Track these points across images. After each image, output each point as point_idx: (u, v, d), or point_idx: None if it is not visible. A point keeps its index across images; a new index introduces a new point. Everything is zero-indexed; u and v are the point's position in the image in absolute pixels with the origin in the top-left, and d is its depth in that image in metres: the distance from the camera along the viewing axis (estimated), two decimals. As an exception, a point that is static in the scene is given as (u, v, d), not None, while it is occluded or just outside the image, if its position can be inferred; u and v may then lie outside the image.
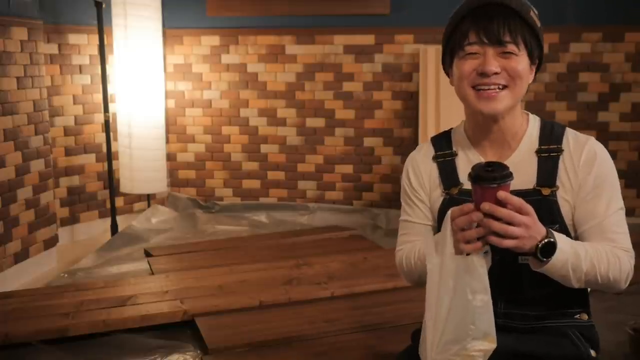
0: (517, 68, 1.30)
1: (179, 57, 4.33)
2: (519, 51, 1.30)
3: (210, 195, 4.47)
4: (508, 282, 1.33)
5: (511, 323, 1.35)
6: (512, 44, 1.29)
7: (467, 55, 1.32)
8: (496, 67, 1.29)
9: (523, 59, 1.31)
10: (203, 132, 4.42)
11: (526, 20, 1.30)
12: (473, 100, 1.33)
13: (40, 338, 2.32)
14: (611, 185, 1.33)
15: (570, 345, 1.31)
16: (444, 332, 1.20)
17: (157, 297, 2.64)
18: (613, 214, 1.31)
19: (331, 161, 4.36)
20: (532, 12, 1.32)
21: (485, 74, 1.30)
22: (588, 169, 1.32)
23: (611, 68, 4.05)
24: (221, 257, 3.29)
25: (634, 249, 1.31)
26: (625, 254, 1.29)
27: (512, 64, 1.30)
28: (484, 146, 1.40)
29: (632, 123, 4.08)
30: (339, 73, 4.25)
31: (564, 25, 4.05)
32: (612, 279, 1.26)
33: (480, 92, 1.31)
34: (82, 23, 3.84)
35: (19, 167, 3.20)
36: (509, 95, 1.31)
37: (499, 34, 1.28)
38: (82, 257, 3.43)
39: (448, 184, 1.40)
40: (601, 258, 1.25)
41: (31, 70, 3.27)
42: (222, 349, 2.24)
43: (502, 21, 1.29)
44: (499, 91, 1.31)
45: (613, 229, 1.30)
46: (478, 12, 1.31)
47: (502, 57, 1.30)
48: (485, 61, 1.30)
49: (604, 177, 1.32)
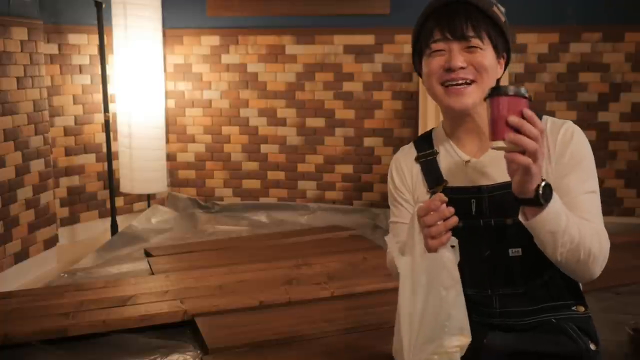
0: (482, 62, 1.32)
1: (179, 57, 4.33)
2: (484, 45, 1.32)
3: (210, 195, 4.48)
4: (501, 277, 1.34)
5: (508, 321, 1.34)
6: (476, 38, 1.31)
7: (433, 52, 1.35)
8: (462, 62, 1.31)
9: (488, 53, 1.33)
10: (203, 132, 4.42)
11: (489, 15, 1.33)
12: (442, 96, 1.35)
13: (40, 338, 2.31)
14: (587, 166, 1.32)
15: (568, 341, 1.30)
16: (420, 332, 1.19)
17: (157, 297, 2.64)
18: (588, 194, 1.30)
19: (331, 161, 4.36)
20: (496, 7, 1.35)
21: (452, 69, 1.31)
22: (564, 146, 1.32)
23: (611, 68, 4.05)
24: (221, 257, 3.29)
25: (634, 248, 1.31)
26: (603, 233, 1.27)
27: (477, 58, 1.32)
28: (462, 140, 1.41)
29: (632, 123, 4.07)
30: (339, 73, 4.25)
31: (564, 25, 4.05)
32: (592, 256, 1.23)
33: (449, 88, 1.33)
34: (82, 23, 3.84)
35: (19, 167, 3.20)
36: (476, 90, 1.33)
37: (462, 29, 1.31)
38: (82, 257, 3.43)
39: (432, 183, 1.41)
40: (584, 229, 1.22)
41: (31, 70, 3.27)
42: (222, 349, 2.24)
43: (464, 17, 1.32)
44: (467, 86, 1.32)
45: (587, 208, 1.28)
46: (441, 10, 1.34)
47: (467, 52, 1.32)
48: (451, 56, 1.32)
49: (580, 157, 1.31)
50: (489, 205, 1.33)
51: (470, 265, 1.31)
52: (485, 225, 1.34)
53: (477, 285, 1.35)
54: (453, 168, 1.42)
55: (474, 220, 1.34)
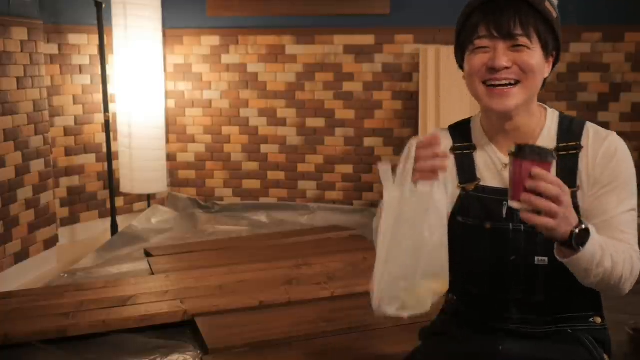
0: (529, 62, 1.24)
1: (179, 57, 4.33)
2: (532, 44, 1.24)
3: (210, 195, 4.47)
4: (522, 283, 1.29)
5: (524, 328, 1.30)
6: (524, 37, 1.23)
7: (476, 49, 1.27)
8: (506, 62, 1.24)
9: (536, 52, 1.25)
10: (203, 132, 4.42)
11: (540, 11, 1.25)
12: (484, 97, 1.28)
13: (40, 338, 2.31)
14: (626, 183, 1.26)
15: (584, 352, 1.27)
16: (395, 266, 1.13)
17: (157, 297, 2.64)
18: (624, 213, 1.24)
19: (331, 161, 4.36)
20: (548, 2, 1.27)
21: (495, 69, 1.24)
22: (606, 163, 1.26)
23: (611, 68, 4.05)
24: (221, 257, 3.29)
25: None
26: (635, 254, 1.22)
27: (523, 57, 1.24)
28: (500, 143, 1.34)
29: (632, 123, 4.08)
30: (339, 73, 4.25)
31: (564, 25, 4.01)
32: (624, 279, 1.19)
33: (491, 88, 1.26)
34: (82, 23, 3.84)
35: (19, 167, 3.20)
36: (521, 91, 1.26)
37: (510, 26, 1.23)
38: (82, 257, 3.43)
39: (464, 179, 1.34)
40: (618, 255, 1.18)
41: (31, 70, 3.27)
42: (222, 349, 2.24)
43: (512, 13, 1.23)
44: (511, 87, 1.25)
45: (622, 227, 1.23)
46: (488, 4, 1.26)
47: (513, 51, 1.24)
48: (495, 55, 1.24)
49: (620, 174, 1.25)
50: None
51: (493, 267, 1.29)
52: (515, 230, 1.28)
53: (496, 288, 1.31)
54: (489, 168, 1.34)
55: (503, 224, 1.29)
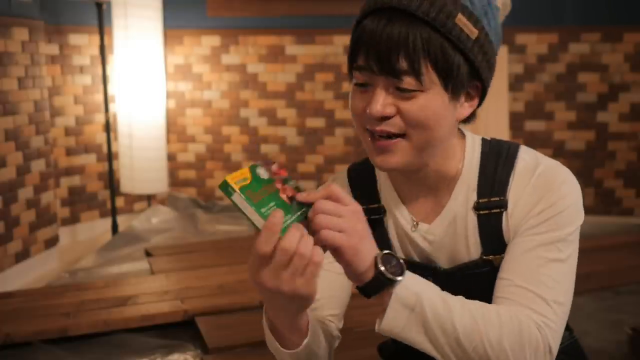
0: (415, 113, 0.88)
1: (180, 57, 4.34)
2: (424, 84, 0.87)
3: (211, 195, 4.48)
4: None
5: None
6: (410, 76, 0.87)
7: (356, 86, 0.94)
8: (384, 109, 0.89)
9: (432, 96, 0.88)
10: (203, 132, 4.42)
11: (444, 33, 0.86)
12: (370, 152, 0.96)
13: (41, 338, 2.32)
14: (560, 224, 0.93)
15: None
16: None
17: (157, 297, 2.65)
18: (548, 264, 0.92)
19: (331, 161, 4.36)
20: (462, 15, 0.87)
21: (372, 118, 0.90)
22: (533, 201, 0.94)
23: (610, 68, 4.05)
24: (221, 257, 3.30)
25: (634, 248, 1.25)
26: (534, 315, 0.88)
27: (409, 107, 0.88)
28: (412, 202, 1.02)
29: (631, 123, 4.08)
30: (339, 73, 4.26)
31: (563, 25, 4.06)
32: (510, 350, 0.85)
33: (374, 140, 0.93)
34: (83, 23, 3.85)
35: (20, 167, 3.21)
36: (408, 147, 0.91)
37: (390, 58, 0.86)
38: (82, 257, 3.44)
39: None
40: (488, 315, 0.86)
41: (32, 71, 3.28)
42: (222, 349, 2.25)
43: (399, 37, 0.86)
44: (395, 140, 0.91)
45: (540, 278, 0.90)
46: (374, 19, 0.90)
47: (398, 95, 0.89)
48: (372, 99, 0.90)
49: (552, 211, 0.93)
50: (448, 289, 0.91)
51: None
52: None
53: None
54: (402, 236, 1.04)
55: None
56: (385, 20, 0.87)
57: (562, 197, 0.93)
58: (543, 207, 0.93)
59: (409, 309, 0.85)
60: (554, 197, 0.93)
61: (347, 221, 0.81)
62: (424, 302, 0.85)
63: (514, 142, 1.01)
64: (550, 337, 0.87)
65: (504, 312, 0.87)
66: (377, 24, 0.88)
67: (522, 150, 0.99)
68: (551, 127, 4.16)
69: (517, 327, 0.86)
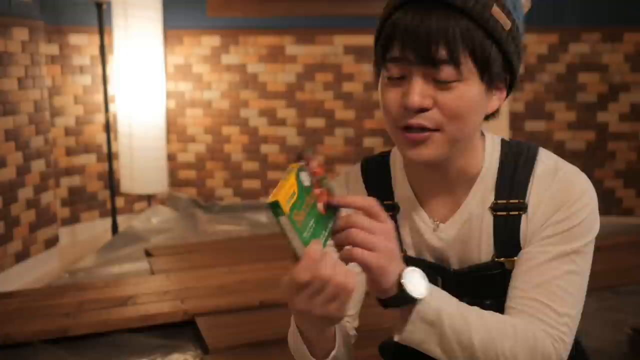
0: (455, 105, 0.87)
1: (180, 57, 4.34)
2: (462, 74, 0.86)
3: (211, 195, 4.48)
4: None
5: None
6: (450, 65, 0.85)
7: (389, 80, 0.91)
8: (423, 101, 0.87)
9: (470, 86, 0.88)
10: (203, 132, 4.42)
11: (481, 24, 0.86)
12: (400, 145, 0.94)
13: (41, 338, 2.32)
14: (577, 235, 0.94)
15: None
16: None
17: (157, 297, 2.65)
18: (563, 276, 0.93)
19: (331, 161, 4.37)
20: (497, 7, 0.87)
21: (408, 109, 0.88)
22: (551, 209, 0.94)
23: (610, 68, 4.05)
24: (221, 257, 3.30)
25: (634, 248, 1.25)
26: (548, 329, 0.90)
27: (447, 98, 0.87)
28: (428, 197, 1.01)
29: (631, 123, 4.08)
30: (339, 73, 4.26)
31: (563, 25, 4.06)
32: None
33: (406, 133, 0.91)
34: (83, 24, 3.85)
35: (20, 167, 3.21)
36: (442, 140, 0.90)
37: (429, 48, 0.85)
38: (82, 257, 3.44)
39: None
40: (504, 329, 0.88)
41: (32, 71, 3.28)
42: (222, 349, 2.25)
43: (437, 27, 0.85)
44: (430, 133, 0.90)
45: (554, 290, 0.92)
46: (409, 9, 0.87)
47: (436, 86, 0.88)
48: (409, 90, 0.88)
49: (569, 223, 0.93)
50: (458, 288, 0.95)
51: None
52: None
53: None
54: (415, 234, 1.03)
55: None
56: (423, 11, 0.86)
57: (580, 208, 0.93)
58: (561, 217, 0.93)
59: (428, 324, 0.87)
60: (573, 208, 0.93)
61: (380, 240, 0.81)
62: (443, 318, 0.86)
63: (533, 144, 1.01)
64: (562, 351, 0.91)
65: (520, 327, 0.89)
66: (412, 16, 0.86)
67: (542, 152, 0.99)
68: (551, 127, 4.16)
69: (532, 342, 0.88)
